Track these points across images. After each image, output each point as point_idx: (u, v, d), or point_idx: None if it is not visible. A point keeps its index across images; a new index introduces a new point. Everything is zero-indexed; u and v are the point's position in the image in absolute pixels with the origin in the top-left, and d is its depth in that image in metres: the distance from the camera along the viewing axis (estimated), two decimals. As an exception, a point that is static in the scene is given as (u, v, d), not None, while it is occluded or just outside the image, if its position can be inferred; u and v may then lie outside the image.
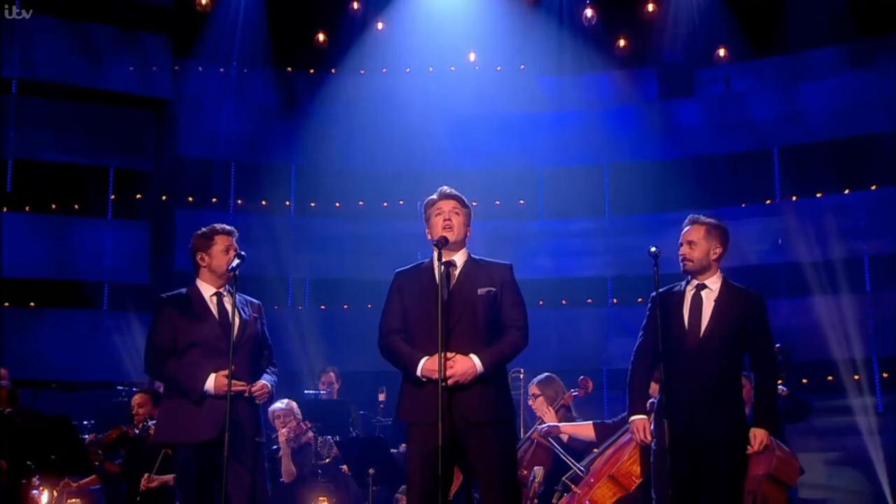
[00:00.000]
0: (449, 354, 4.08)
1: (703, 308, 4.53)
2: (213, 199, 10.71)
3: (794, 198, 10.14)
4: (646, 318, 4.65)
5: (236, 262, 4.65)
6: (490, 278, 4.27)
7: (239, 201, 10.85)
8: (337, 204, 10.95)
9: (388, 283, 4.42)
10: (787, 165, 10.19)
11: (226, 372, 4.52)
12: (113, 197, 10.45)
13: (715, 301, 4.52)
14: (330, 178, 10.83)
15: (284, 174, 11.06)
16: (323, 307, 10.80)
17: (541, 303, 10.32)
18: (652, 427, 4.62)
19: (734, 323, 4.50)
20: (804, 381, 9.15)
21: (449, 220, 4.28)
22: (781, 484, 5.99)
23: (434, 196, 4.38)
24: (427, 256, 4.40)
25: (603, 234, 10.72)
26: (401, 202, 10.85)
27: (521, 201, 11.05)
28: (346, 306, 10.71)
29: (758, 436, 4.50)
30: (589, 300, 10.72)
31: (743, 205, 10.29)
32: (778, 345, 6.44)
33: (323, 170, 10.85)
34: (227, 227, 4.83)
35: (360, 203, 10.96)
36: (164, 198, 10.53)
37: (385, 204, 10.93)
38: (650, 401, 4.91)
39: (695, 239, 4.60)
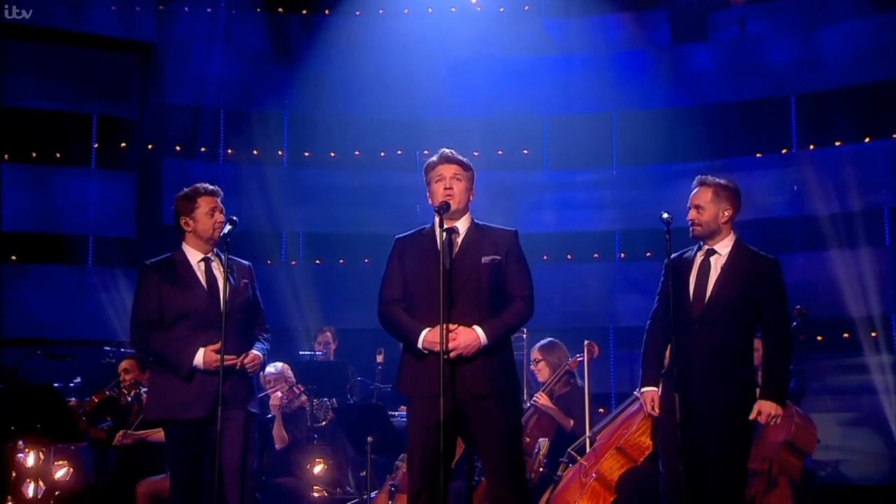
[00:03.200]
0: (451, 326, 3.99)
1: (710, 274, 4.37)
2: (202, 149, 10.34)
3: (811, 147, 9.77)
4: (660, 284, 4.56)
5: (228, 228, 4.44)
6: (494, 245, 4.18)
7: (229, 151, 10.49)
8: (332, 154, 10.60)
9: (385, 237, 4.28)
10: (805, 113, 9.81)
11: (215, 346, 4.33)
12: (96, 145, 10.08)
13: (722, 267, 4.36)
14: (324, 127, 10.49)
15: (276, 122, 10.70)
16: (318, 262, 10.53)
17: (545, 258, 10.05)
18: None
19: (741, 289, 4.33)
20: (819, 338, 8.99)
21: (450, 187, 4.15)
22: (798, 451, 6.01)
23: (434, 159, 4.25)
24: (425, 210, 4.27)
25: (610, 185, 10.39)
26: (399, 151, 10.53)
27: (525, 151, 10.68)
28: (341, 261, 10.45)
29: (763, 409, 4.31)
30: (595, 255, 10.39)
31: (758, 154, 9.94)
32: (798, 306, 6.44)
33: (317, 118, 10.51)
34: (210, 187, 4.57)
35: (356, 153, 10.60)
36: (150, 147, 10.15)
37: (382, 154, 10.60)
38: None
39: (702, 203, 4.45)
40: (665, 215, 4.37)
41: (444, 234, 4.08)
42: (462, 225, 4.21)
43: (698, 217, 4.44)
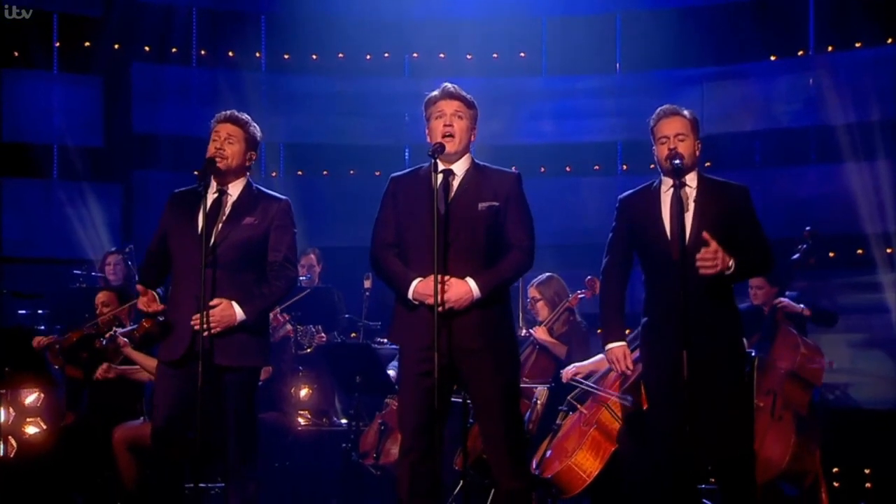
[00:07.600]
0: (443, 277, 3.84)
1: (684, 210, 4.12)
2: (173, 50, 9.88)
3: (829, 49, 9.29)
4: (612, 230, 4.37)
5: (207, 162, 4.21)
6: (493, 190, 4.00)
7: (202, 52, 10.03)
8: (313, 56, 10.13)
9: (372, 148, 4.24)
10: (824, 12, 9.30)
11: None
12: (58, 45, 9.59)
13: (695, 201, 4.13)
14: (305, 27, 9.98)
15: (253, 22, 10.23)
16: (300, 173, 10.17)
17: (542, 170, 9.77)
18: (636, 354, 4.37)
19: (721, 222, 4.17)
20: (831, 254, 8.71)
21: (450, 125, 3.96)
22: (805, 382, 5.96)
23: (436, 93, 4.06)
24: (415, 119, 4.21)
25: (613, 92, 9.94)
26: (386, 55, 10.04)
27: (522, 54, 10.19)
28: (325, 172, 10.09)
29: (718, 250, 3.95)
30: (596, 167, 10.04)
31: (772, 58, 9.48)
32: (808, 227, 6.36)
33: (297, 17, 9.99)
34: (220, 114, 4.35)
35: (340, 56, 10.09)
36: (116, 48, 9.67)
37: (368, 57, 10.07)
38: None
39: (684, 131, 4.18)
40: (676, 161, 4.05)
41: (440, 177, 3.91)
42: (460, 167, 4.02)
43: (683, 149, 4.15)
